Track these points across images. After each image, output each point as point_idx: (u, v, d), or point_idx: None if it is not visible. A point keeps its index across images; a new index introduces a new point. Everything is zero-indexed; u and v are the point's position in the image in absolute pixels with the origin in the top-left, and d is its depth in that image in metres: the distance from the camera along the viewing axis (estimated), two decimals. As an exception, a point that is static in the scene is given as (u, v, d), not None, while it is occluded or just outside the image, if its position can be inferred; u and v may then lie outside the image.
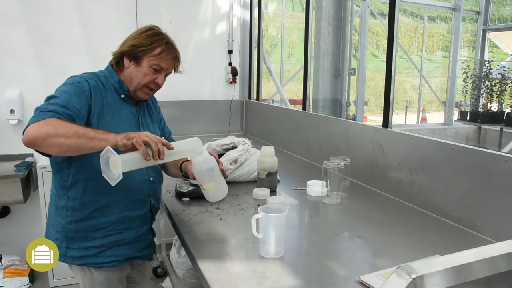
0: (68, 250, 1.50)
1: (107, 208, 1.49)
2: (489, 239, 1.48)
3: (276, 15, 7.93)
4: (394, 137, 1.98)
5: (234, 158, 2.07)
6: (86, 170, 1.44)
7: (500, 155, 1.48)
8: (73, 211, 1.48)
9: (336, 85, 3.54)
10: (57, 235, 1.51)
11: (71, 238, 1.49)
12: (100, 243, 1.50)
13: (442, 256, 0.68)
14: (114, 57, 1.55)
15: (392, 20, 1.99)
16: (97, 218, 1.49)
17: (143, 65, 1.50)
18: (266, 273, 1.21)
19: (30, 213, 3.15)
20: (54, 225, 1.52)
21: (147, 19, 3.29)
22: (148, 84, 1.53)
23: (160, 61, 1.51)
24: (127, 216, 1.53)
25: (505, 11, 12.97)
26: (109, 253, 1.52)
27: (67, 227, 1.49)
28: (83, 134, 1.26)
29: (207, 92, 3.75)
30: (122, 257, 1.56)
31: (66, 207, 1.48)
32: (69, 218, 1.48)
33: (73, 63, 3.16)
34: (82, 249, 1.50)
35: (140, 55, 1.49)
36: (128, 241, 1.56)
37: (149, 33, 1.51)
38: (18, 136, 3.12)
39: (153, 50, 1.49)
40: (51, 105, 1.31)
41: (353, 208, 1.83)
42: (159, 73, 1.52)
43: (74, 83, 1.43)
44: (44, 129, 1.22)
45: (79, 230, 1.49)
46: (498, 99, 5.88)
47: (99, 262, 1.52)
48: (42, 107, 1.31)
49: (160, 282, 3.03)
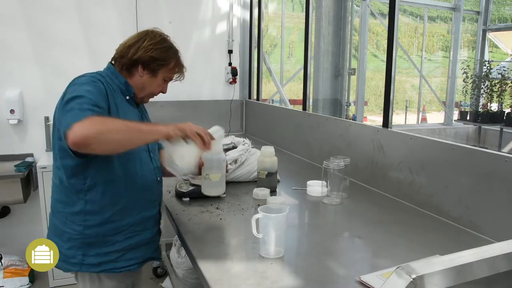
0: (85, 258, 1.43)
1: (127, 209, 1.47)
2: (489, 239, 1.48)
3: (276, 15, 7.92)
4: (394, 137, 1.98)
5: (234, 158, 2.07)
6: (105, 171, 1.40)
7: (500, 155, 1.48)
8: (92, 215, 1.42)
9: (336, 85, 3.54)
10: (70, 244, 1.43)
11: (88, 244, 1.43)
12: (121, 247, 1.46)
13: (442, 256, 0.67)
14: (124, 62, 1.52)
15: (392, 20, 1.99)
16: (118, 221, 1.45)
17: (158, 77, 1.55)
18: (266, 273, 1.21)
19: (30, 213, 3.14)
20: (64, 234, 1.44)
21: (147, 19, 3.31)
22: (156, 93, 1.60)
23: (172, 74, 1.58)
24: (144, 216, 1.53)
25: (505, 11, 12.97)
26: (129, 256, 1.49)
27: (85, 232, 1.42)
28: (134, 127, 1.28)
29: (207, 92, 3.75)
30: (140, 259, 1.53)
31: (83, 211, 1.41)
32: (88, 222, 1.41)
33: (73, 63, 3.16)
34: (100, 255, 1.44)
35: (156, 68, 1.53)
36: (145, 242, 1.54)
37: (164, 46, 1.54)
38: (18, 136, 3.14)
39: (169, 64, 1.54)
40: (85, 104, 1.26)
41: (353, 208, 1.83)
42: (166, 83, 1.60)
43: (92, 82, 1.38)
44: (94, 127, 1.19)
45: (98, 235, 1.43)
46: (498, 99, 5.88)
47: (119, 267, 1.47)
48: (76, 106, 1.24)
49: (160, 282, 3.03)
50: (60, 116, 1.31)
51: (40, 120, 3.14)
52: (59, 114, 1.32)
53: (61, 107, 1.31)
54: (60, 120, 1.30)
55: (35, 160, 3.13)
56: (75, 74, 1.51)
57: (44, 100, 3.15)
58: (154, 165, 1.58)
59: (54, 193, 1.49)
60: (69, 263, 1.44)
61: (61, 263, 1.45)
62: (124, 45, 1.54)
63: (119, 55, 1.53)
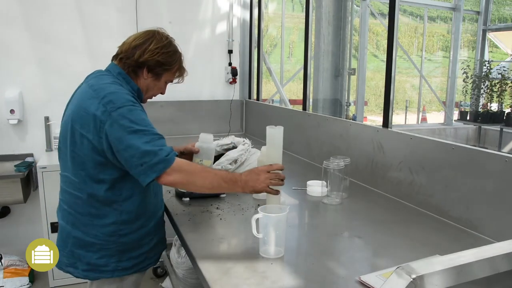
0: (119, 264, 1.48)
1: (153, 213, 1.58)
2: (489, 239, 1.48)
3: (276, 15, 7.93)
4: (394, 137, 1.98)
5: (234, 158, 2.07)
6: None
7: (500, 155, 1.48)
8: (126, 224, 1.47)
9: (336, 85, 3.54)
10: (101, 253, 1.46)
11: (121, 251, 1.48)
12: (149, 247, 1.57)
13: (442, 256, 0.67)
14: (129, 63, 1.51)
15: (392, 20, 1.99)
16: (147, 225, 1.54)
17: (161, 80, 1.59)
18: (266, 273, 1.21)
19: (30, 213, 3.15)
20: (93, 245, 1.45)
21: (147, 19, 3.31)
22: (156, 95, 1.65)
23: (174, 77, 1.63)
24: (160, 216, 1.66)
25: (505, 11, 12.97)
26: (152, 254, 1.60)
27: (120, 241, 1.47)
28: (216, 186, 1.42)
29: (207, 92, 3.75)
30: (158, 254, 1.65)
31: (118, 222, 1.45)
32: (122, 232, 1.46)
33: (73, 63, 3.16)
34: (133, 258, 1.51)
35: (160, 72, 1.56)
36: (162, 238, 1.67)
37: (170, 50, 1.55)
38: (18, 136, 3.14)
39: (173, 69, 1.58)
40: (163, 146, 1.35)
41: (353, 208, 1.83)
42: (166, 85, 1.65)
43: (135, 106, 1.39)
44: (186, 179, 1.38)
45: (133, 241, 1.50)
46: (498, 99, 5.88)
47: (146, 265, 1.58)
48: (154, 148, 1.32)
49: (160, 282, 3.03)
50: (123, 142, 1.32)
51: (40, 120, 3.14)
52: (119, 137, 1.33)
53: (121, 132, 1.32)
54: (123, 148, 1.33)
55: (35, 160, 3.13)
56: (75, 74, 1.52)
57: (44, 100, 3.15)
58: None
59: (78, 207, 1.46)
60: (101, 272, 1.48)
61: (90, 273, 1.48)
62: (130, 44, 1.52)
63: (125, 55, 1.51)
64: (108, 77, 1.49)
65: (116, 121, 1.33)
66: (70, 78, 3.26)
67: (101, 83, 1.44)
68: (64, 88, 3.17)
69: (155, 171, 1.31)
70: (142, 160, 1.31)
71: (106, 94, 1.38)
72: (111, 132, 1.33)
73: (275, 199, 1.53)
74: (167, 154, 1.33)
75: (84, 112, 1.38)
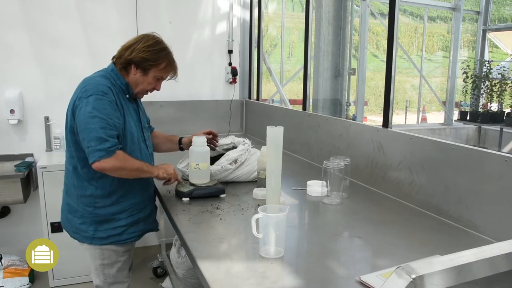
0: (96, 233, 1.72)
1: (130, 192, 1.75)
2: (489, 239, 1.48)
3: (276, 15, 7.93)
4: (394, 137, 1.98)
5: (234, 158, 2.07)
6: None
7: (500, 155, 1.48)
8: (101, 198, 1.70)
9: (336, 85, 3.54)
10: (82, 220, 1.72)
11: (99, 221, 1.72)
12: (126, 223, 1.76)
13: (442, 256, 0.67)
14: (121, 61, 1.73)
15: (392, 20, 1.99)
16: (122, 202, 1.74)
17: (149, 76, 1.75)
18: (266, 273, 1.21)
19: (30, 213, 3.15)
20: (77, 212, 1.73)
21: (147, 19, 3.31)
22: (149, 90, 1.81)
23: (163, 73, 1.78)
24: (143, 196, 1.83)
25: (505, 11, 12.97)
26: (132, 230, 1.79)
27: (95, 212, 1.71)
28: (138, 169, 1.66)
29: (207, 92, 3.75)
30: (141, 232, 1.84)
31: (93, 195, 1.70)
32: (97, 204, 1.70)
33: (73, 63, 3.16)
34: (109, 229, 1.73)
35: (147, 68, 1.73)
36: (144, 218, 1.84)
37: (156, 48, 1.73)
38: (18, 136, 3.14)
39: (159, 65, 1.74)
40: (107, 130, 1.57)
41: (353, 208, 1.83)
42: (159, 81, 1.80)
43: (104, 96, 1.60)
44: (116, 166, 1.59)
45: (107, 214, 1.72)
46: (498, 99, 5.88)
47: (124, 239, 1.78)
48: (100, 132, 1.54)
49: (160, 282, 3.03)
50: (82, 124, 1.57)
51: (40, 120, 3.15)
52: (81, 120, 1.58)
53: (83, 115, 1.57)
54: (82, 130, 1.57)
55: (35, 160, 3.13)
56: (75, 74, 1.55)
57: (44, 100, 3.15)
58: (149, 152, 1.88)
59: (68, 177, 1.76)
60: (83, 237, 1.73)
61: (76, 234, 1.76)
62: (123, 46, 1.76)
63: (118, 55, 1.75)
64: (101, 72, 1.74)
65: (84, 106, 1.58)
66: (70, 78, 3.26)
67: (90, 76, 1.71)
68: (64, 88, 3.19)
69: (94, 156, 1.54)
70: (90, 143, 1.55)
71: (86, 84, 1.65)
72: (78, 114, 1.59)
73: (275, 199, 1.53)
74: (111, 145, 1.56)
75: (72, 100, 1.66)
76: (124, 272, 1.87)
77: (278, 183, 1.64)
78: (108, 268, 1.80)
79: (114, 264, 1.81)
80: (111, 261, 1.79)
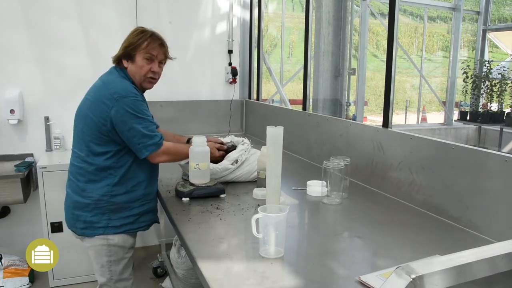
0: (109, 221, 1.77)
1: (142, 183, 1.83)
2: (489, 239, 1.48)
3: (276, 15, 7.93)
4: (394, 137, 1.98)
5: (234, 158, 2.07)
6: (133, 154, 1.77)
7: (500, 155, 1.48)
8: (118, 186, 1.76)
9: (336, 85, 3.54)
10: (95, 212, 1.76)
11: (113, 210, 1.77)
12: (138, 212, 1.83)
13: (442, 256, 0.67)
14: (117, 62, 1.82)
15: (392, 20, 1.99)
16: (136, 191, 1.81)
17: (137, 60, 1.78)
18: (266, 273, 1.21)
19: (30, 213, 3.15)
20: (88, 205, 1.76)
21: (147, 19, 3.31)
22: (147, 74, 1.81)
23: (149, 51, 1.79)
24: (153, 189, 1.92)
25: (505, 11, 12.98)
26: (142, 219, 1.87)
27: (111, 200, 1.76)
28: (185, 154, 1.88)
29: (207, 92, 3.75)
30: (149, 222, 1.92)
31: (111, 184, 1.76)
32: (114, 192, 1.76)
33: (73, 63, 3.16)
34: (122, 218, 1.79)
35: (133, 53, 1.78)
36: (151, 210, 1.92)
37: (134, 33, 1.80)
38: (18, 136, 3.14)
39: (141, 45, 1.77)
40: (154, 132, 1.75)
41: (353, 208, 1.83)
42: (152, 62, 1.81)
43: (137, 97, 1.73)
44: (170, 157, 1.84)
45: (122, 202, 1.78)
46: (498, 99, 5.88)
47: (136, 228, 1.85)
48: (150, 133, 1.73)
49: (160, 282, 3.03)
50: (128, 124, 1.69)
51: (40, 120, 3.15)
52: (124, 121, 1.68)
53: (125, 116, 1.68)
54: (127, 129, 1.70)
55: (35, 160, 3.13)
56: (75, 74, 1.55)
57: (44, 100, 3.15)
58: None
59: (80, 176, 1.78)
60: (95, 228, 1.77)
61: (85, 230, 1.78)
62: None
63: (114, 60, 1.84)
64: (115, 74, 1.81)
65: (122, 107, 1.67)
66: (70, 78, 3.30)
67: (111, 78, 1.79)
68: (64, 88, 3.22)
69: (148, 150, 1.73)
70: (140, 140, 1.70)
71: (113, 86, 1.73)
72: (116, 116, 1.67)
73: (275, 199, 1.53)
74: (159, 139, 1.74)
75: (96, 100, 1.72)
76: (129, 270, 1.91)
77: (278, 183, 1.64)
78: (115, 264, 1.83)
79: (120, 260, 1.84)
80: (117, 258, 1.83)
